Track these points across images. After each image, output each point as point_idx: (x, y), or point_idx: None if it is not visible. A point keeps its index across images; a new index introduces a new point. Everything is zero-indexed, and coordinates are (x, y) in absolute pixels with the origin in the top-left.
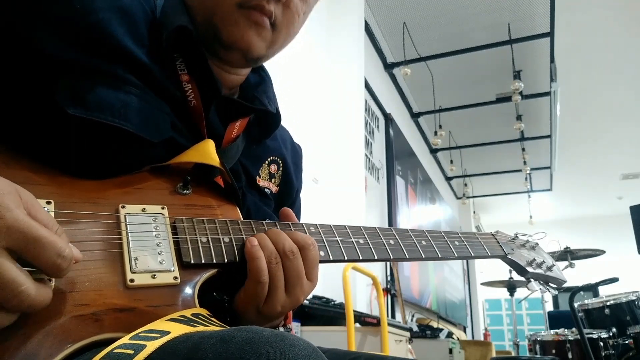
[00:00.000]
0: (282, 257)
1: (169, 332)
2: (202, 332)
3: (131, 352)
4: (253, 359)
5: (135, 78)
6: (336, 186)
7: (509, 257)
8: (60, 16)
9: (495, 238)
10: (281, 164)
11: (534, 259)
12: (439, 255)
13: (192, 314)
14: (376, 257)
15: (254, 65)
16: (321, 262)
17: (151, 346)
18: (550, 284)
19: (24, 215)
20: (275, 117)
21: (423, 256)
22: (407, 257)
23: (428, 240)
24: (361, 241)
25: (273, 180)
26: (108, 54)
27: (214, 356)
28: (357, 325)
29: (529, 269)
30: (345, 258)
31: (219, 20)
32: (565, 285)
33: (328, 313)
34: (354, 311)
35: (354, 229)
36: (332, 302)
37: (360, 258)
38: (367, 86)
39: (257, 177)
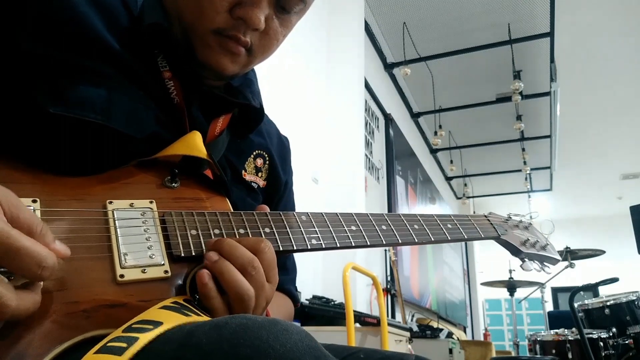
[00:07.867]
0: (243, 273)
1: (161, 323)
2: (196, 322)
3: (124, 345)
4: (247, 342)
5: (117, 73)
6: (336, 186)
7: (503, 238)
8: (38, 11)
9: (488, 219)
10: (267, 158)
11: (528, 239)
12: (432, 239)
13: (184, 300)
14: (369, 243)
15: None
16: (313, 250)
17: (144, 338)
18: (545, 263)
19: (3, 223)
20: (259, 112)
21: (416, 240)
22: (400, 241)
23: (420, 224)
24: (353, 228)
25: (260, 174)
26: (89, 49)
27: (208, 341)
28: (357, 325)
29: (523, 249)
30: (338, 245)
31: (194, 41)
32: (565, 286)
33: (328, 313)
34: (354, 311)
35: (346, 216)
36: (332, 302)
37: (353, 244)
38: (367, 86)
39: (243, 172)
